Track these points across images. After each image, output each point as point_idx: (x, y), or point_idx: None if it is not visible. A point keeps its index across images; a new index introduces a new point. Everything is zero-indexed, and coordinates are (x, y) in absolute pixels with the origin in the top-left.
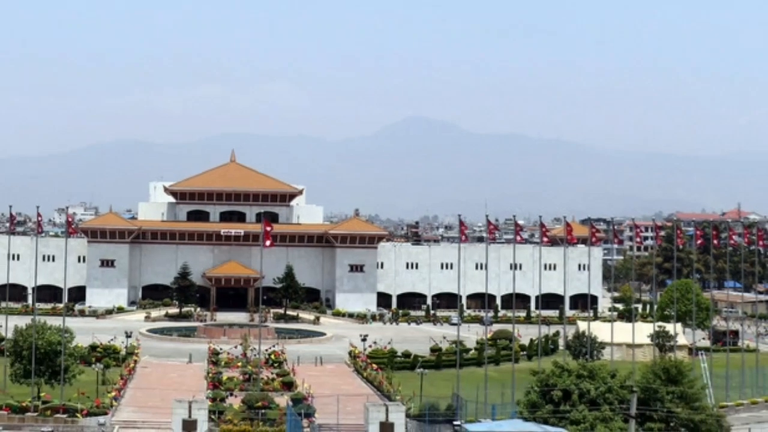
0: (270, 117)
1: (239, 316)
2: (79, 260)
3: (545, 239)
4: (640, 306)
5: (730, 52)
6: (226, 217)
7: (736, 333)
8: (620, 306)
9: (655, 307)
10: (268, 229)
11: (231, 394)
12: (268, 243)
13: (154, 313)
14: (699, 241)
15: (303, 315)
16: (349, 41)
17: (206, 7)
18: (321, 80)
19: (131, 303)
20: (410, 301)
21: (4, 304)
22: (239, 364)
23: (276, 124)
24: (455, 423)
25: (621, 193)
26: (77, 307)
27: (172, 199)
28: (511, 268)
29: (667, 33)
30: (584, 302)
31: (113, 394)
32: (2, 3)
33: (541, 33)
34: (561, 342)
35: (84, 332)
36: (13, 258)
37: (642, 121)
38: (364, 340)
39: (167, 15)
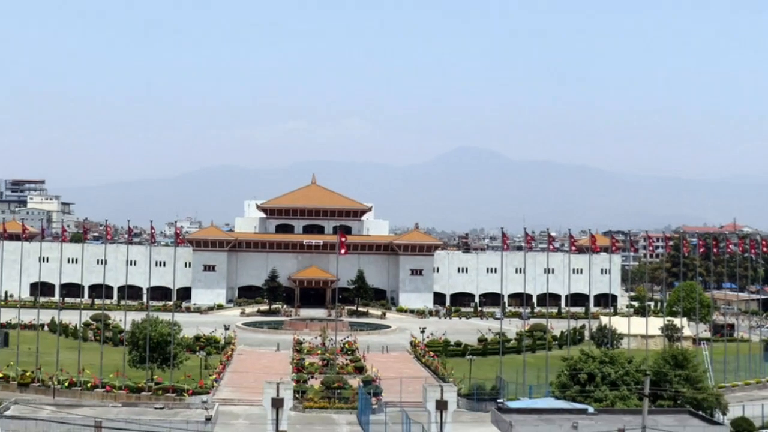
0: (345, 147)
1: (319, 312)
2: (185, 265)
3: (573, 248)
4: (652, 303)
5: (729, 95)
6: (308, 229)
7: (732, 326)
8: (636, 303)
9: (665, 304)
10: (343, 239)
11: (312, 377)
12: (343, 251)
13: (248, 310)
14: (701, 250)
15: (372, 311)
16: (410, 84)
17: (294, 59)
18: (388, 116)
19: (229, 301)
20: (461, 299)
21: (123, 302)
22: (319, 351)
23: (350, 153)
24: (499, 401)
25: (636, 210)
26: (184, 304)
27: (263, 215)
28: (545, 272)
29: (676, 78)
30: (606, 300)
31: (214, 376)
32: (135, 57)
33: (571, 78)
34: (586, 333)
35: (189, 325)
36: (131, 263)
37: (655, 151)
38: (422, 332)
39: (263, 65)
